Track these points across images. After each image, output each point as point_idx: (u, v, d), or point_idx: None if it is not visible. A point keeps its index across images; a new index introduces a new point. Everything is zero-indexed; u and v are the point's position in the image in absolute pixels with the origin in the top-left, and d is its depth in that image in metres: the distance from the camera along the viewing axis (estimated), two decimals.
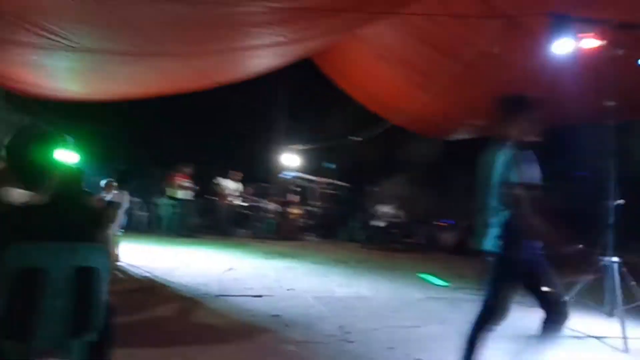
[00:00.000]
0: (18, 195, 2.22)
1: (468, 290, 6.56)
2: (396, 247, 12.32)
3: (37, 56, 7.34)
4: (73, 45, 6.46)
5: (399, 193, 14.64)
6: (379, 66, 9.25)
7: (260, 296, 5.53)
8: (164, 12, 5.67)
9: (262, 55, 8.16)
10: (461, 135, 11.90)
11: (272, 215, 13.39)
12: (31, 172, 2.28)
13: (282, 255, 9.39)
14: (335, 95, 12.21)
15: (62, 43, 6.36)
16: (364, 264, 9.06)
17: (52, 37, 6.17)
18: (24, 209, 2.19)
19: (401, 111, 10.02)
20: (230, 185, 12.21)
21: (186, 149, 13.82)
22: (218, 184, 12.21)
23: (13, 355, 2.10)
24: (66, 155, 3.34)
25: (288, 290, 6.05)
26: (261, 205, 13.31)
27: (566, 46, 5.11)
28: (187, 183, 11.57)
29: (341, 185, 15.90)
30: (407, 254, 11.53)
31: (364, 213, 14.35)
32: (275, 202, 13.99)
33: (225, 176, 12.58)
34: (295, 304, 5.30)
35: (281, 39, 7.09)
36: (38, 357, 2.61)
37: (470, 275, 8.52)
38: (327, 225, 14.21)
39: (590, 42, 5.01)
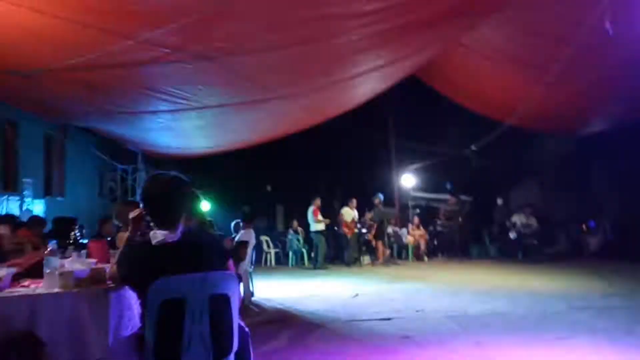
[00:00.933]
0: (158, 235, 2.51)
1: (620, 297, 5.91)
2: (535, 258, 11.49)
3: (166, 120, 8.29)
4: (195, 104, 7.21)
5: (531, 199, 13.74)
6: (486, 67, 8.91)
7: (389, 319, 5.50)
8: (269, 57, 6.08)
9: (365, 81, 8.34)
10: (596, 127, 10.91)
11: (393, 239, 13.28)
12: (167, 214, 2.55)
13: (409, 278, 9.25)
14: (446, 107, 11.98)
15: (186, 104, 7.12)
16: (498, 279, 8.60)
17: (179, 100, 6.95)
18: (162, 247, 2.47)
19: (519, 110, 9.47)
20: (350, 214, 12.37)
21: (305, 184, 14.42)
22: (341, 214, 12.44)
23: None
24: (196, 202, 3.75)
25: (417, 311, 5.94)
26: (386, 229, 13.27)
27: None
28: (320, 216, 11.94)
29: (465, 200, 15.34)
30: (547, 264, 10.70)
31: (494, 226, 13.66)
32: (397, 225, 13.89)
33: (344, 205, 12.79)
34: (425, 325, 5.19)
35: (382, 61, 7.20)
36: None
37: (623, 281, 7.69)
38: (455, 244, 13.71)
39: None
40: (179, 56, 5.50)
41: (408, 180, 15.43)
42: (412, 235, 13.59)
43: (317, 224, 11.74)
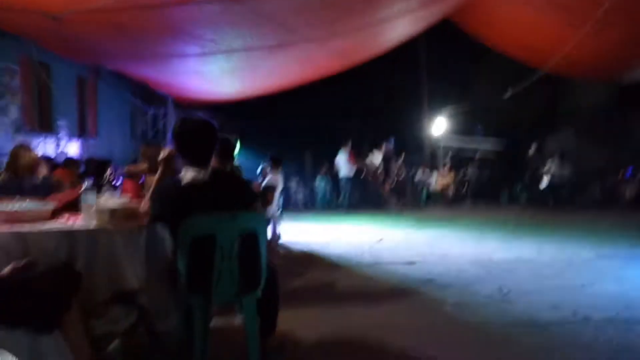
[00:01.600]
0: (186, 175, 2.59)
1: None
2: (566, 206, 11.35)
3: (195, 64, 8.27)
4: (223, 47, 7.14)
5: (565, 148, 13.41)
6: (524, 11, 8.49)
7: (412, 263, 5.60)
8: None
9: (397, 25, 8.07)
10: (638, 75, 10.39)
11: (422, 184, 13.26)
12: (197, 154, 2.61)
13: (435, 223, 9.31)
14: (481, 51, 11.55)
15: (214, 47, 7.06)
16: (526, 227, 8.57)
17: (207, 43, 6.89)
18: (193, 186, 2.55)
19: (558, 56, 9.06)
20: (378, 159, 12.37)
21: (335, 129, 14.35)
22: (369, 159, 12.46)
23: (197, 309, 2.49)
24: (227, 146, 3.79)
25: (442, 255, 6.01)
26: (411, 175, 13.24)
27: None
28: (350, 161, 11.99)
29: (501, 145, 15.06)
30: (578, 212, 10.57)
31: (526, 173, 13.45)
32: (426, 170, 13.82)
33: (372, 150, 12.76)
34: (449, 269, 5.26)
35: (413, 3, 6.94)
36: (218, 310, 3.04)
37: None
38: (484, 190, 13.61)
39: None
40: None
41: (439, 125, 15.20)
42: (441, 180, 13.53)
43: (350, 169, 11.84)
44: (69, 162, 6.86)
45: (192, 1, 5.44)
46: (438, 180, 13.53)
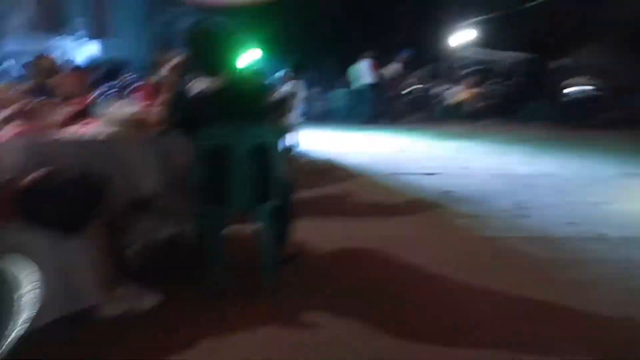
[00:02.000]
0: (201, 82, 2.51)
1: None
2: (592, 123, 10.97)
3: None
4: None
5: (597, 62, 12.68)
6: None
7: (432, 174, 5.57)
8: None
9: None
10: None
11: (444, 98, 12.90)
12: (211, 60, 2.52)
13: (457, 136, 9.15)
14: None
15: None
16: (550, 142, 8.37)
17: None
18: (206, 96, 2.49)
19: None
20: (397, 70, 11.95)
21: (354, 38, 13.77)
22: (386, 69, 12.04)
23: (212, 217, 2.54)
24: (244, 50, 3.64)
25: (462, 168, 5.96)
26: (433, 87, 12.85)
27: None
28: (373, 69, 11.63)
29: (526, 59, 14.34)
30: (604, 130, 10.24)
31: (553, 88, 12.89)
32: (448, 83, 13.37)
33: (391, 60, 12.28)
34: (469, 182, 5.23)
35: None
36: (233, 220, 3.10)
37: None
38: (510, 105, 13.17)
39: None
40: None
41: (461, 36, 14.41)
42: (463, 94, 13.12)
43: (373, 77, 11.50)
44: (78, 68, 6.76)
45: None
46: (457, 93, 13.11)
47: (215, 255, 2.55)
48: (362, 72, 11.59)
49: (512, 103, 13.08)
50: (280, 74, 7.88)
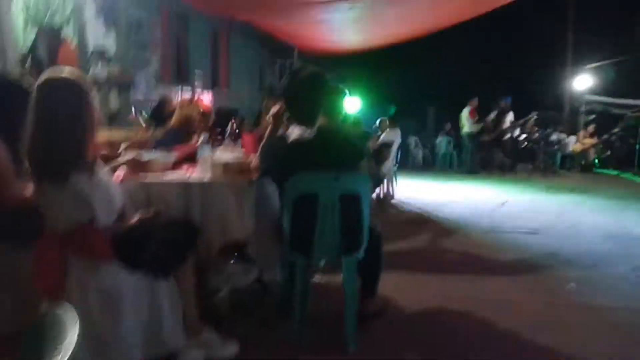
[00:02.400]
0: (295, 131, 2.59)
1: None
2: None
3: (319, 12, 8.21)
4: None
5: None
6: None
7: (536, 232, 5.18)
8: None
9: None
10: None
11: (557, 147, 12.09)
12: (305, 109, 2.59)
13: (568, 189, 8.50)
14: None
15: None
16: None
17: None
18: (297, 143, 2.55)
19: None
20: (509, 117, 11.44)
21: (462, 84, 13.53)
22: (490, 117, 11.57)
23: (300, 266, 2.54)
24: (339, 100, 3.69)
25: (570, 226, 5.48)
26: (546, 136, 12.11)
27: None
28: (473, 118, 11.28)
29: None
30: None
31: None
32: (564, 132, 12.56)
33: (501, 108, 11.79)
34: (578, 242, 4.78)
35: None
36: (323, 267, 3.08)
37: None
38: (632, 158, 12.03)
39: None
40: None
41: (584, 81, 13.56)
42: (582, 143, 12.24)
43: (472, 126, 11.12)
44: (202, 113, 7.33)
45: None
46: (577, 143, 12.22)
47: (301, 305, 2.53)
48: (464, 120, 11.27)
49: (634, 155, 11.95)
50: (377, 122, 7.97)
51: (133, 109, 7.18)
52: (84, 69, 6.00)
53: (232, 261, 2.70)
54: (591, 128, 12.60)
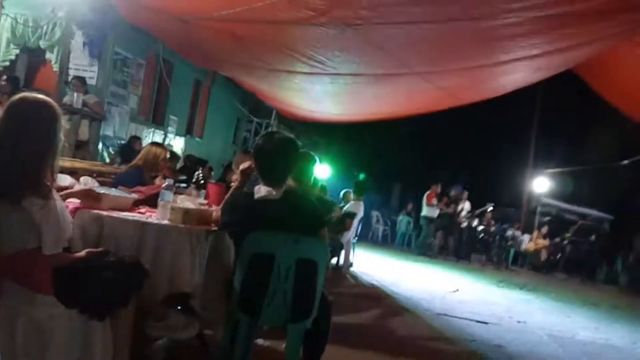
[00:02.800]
0: (261, 190, 2.59)
1: None
2: None
3: (301, 81, 8.49)
4: (330, 70, 7.26)
5: None
6: None
7: (485, 323, 5.20)
8: (412, 32, 5.84)
9: (514, 70, 7.69)
10: None
11: (511, 243, 12.44)
12: (273, 171, 2.60)
13: (519, 286, 8.65)
14: (602, 110, 10.67)
15: (322, 68, 7.20)
16: (622, 310, 7.69)
17: (315, 64, 7.05)
18: (263, 202, 2.54)
19: None
20: (465, 206, 11.75)
21: (429, 166, 13.98)
22: (453, 204, 11.85)
23: (244, 327, 2.45)
24: (308, 166, 3.74)
25: (518, 322, 5.54)
26: (502, 230, 12.49)
27: None
28: (433, 201, 11.51)
29: (603, 217, 13.78)
30: None
31: (631, 253, 12.15)
32: (519, 229, 12.98)
33: (453, 196, 12.08)
34: (524, 339, 4.81)
35: (537, 51, 6.56)
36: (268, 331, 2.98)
37: None
38: (580, 262, 12.46)
39: None
40: (322, 20, 5.51)
41: (542, 184, 14.22)
42: (534, 243, 12.63)
43: (428, 210, 11.34)
44: (170, 155, 7.30)
45: (309, 22, 5.58)
46: (531, 241, 12.62)
47: None
48: (424, 202, 11.48)
49: (588, 261, 12.37)
50: (343, 192, 8.08)
51: (101, 143, 7.12)
52: (61, 93, 5.94)
53: (174, 311, 2.59)
54: (544, 229, 13.06)
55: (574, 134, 14.46)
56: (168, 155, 4.34)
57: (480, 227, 11.93)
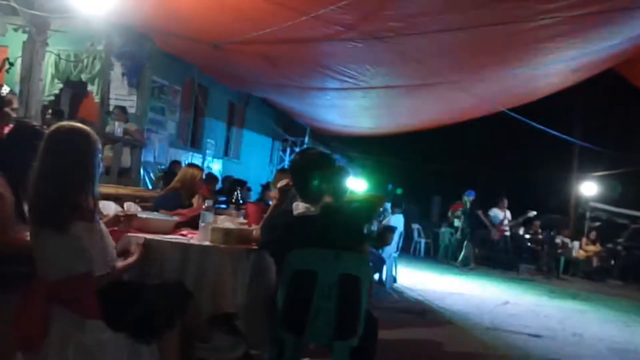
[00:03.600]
0: (299, 207, 2.57)
1: None
2: None
3: (333, 97, 8.54)
4: (362, 84, 7.27)
5: None
6: None
7: (538, 336, 4.97)
8: (442, 40, 5.78)
9: (550, 73, 7.48)
10: None
11: (562, 251, 11.94)
12: (310, 188, 2.59)
13: (572, 296, 8.28)
14: None
15: (354, 83, 7.22)
16: None
17: (347, 79, 7.07)
18: (301, 219, 2.52)
19: None
20: (502, 215, 11.32)
21: (467, 177, 13.70)
22: (487, 214, 11.45)
23: (290, 346, 2.42)
24: (344, 181, 3.72)
25: (574, 335, 5.27)
26: (550, 238, 12.00)
27: None
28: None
29: None
30: None
31: None
32: (568, 236, 12.46)
33: (500, 205, 11.66)
34: (582, 353, 4.58)
35: (573, 52, 6.37)
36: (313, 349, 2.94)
37: None
38: (636, 268, 11.83)
39: None
40: (351, 35, 5.54)
41: (589, 188, 13.68)
42: (585, 250, 12.11)
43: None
44: (209, 177, 7.43)
45: (338, 37, 5.61)
46: (581, 248, 12.10)
47: None
48: (465, 212, 11.12)
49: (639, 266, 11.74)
50: (385, 205, 7.98)
51: (142, 169, 7.30)
52: (103, 123, 6.15)
53: (220, 332, 2.58)
54: (593, 234, 12.53)
55: (620, 136, 13.88)
56: (204, 176, 4.40)
57: (528, 236, 11.52)
